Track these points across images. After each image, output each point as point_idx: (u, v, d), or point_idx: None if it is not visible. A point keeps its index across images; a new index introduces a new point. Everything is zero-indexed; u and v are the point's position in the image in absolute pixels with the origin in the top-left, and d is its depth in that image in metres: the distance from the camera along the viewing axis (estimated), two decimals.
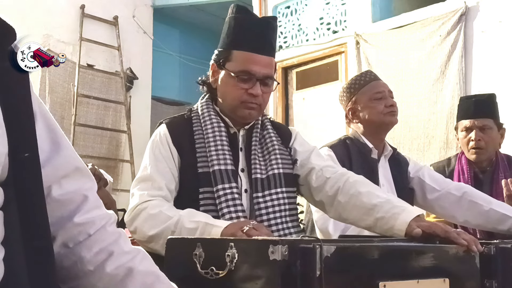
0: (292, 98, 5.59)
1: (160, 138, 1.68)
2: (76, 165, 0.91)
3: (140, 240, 1.54)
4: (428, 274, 1.33)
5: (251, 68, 1.64)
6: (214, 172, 1.60)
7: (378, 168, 2.16)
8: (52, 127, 0.88)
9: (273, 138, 1.75)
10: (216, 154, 1.62)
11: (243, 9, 1.70)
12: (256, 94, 1.64)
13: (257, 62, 1.64)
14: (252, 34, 1.66)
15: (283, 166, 1.71)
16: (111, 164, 5.94)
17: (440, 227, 1.45)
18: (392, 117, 2.18)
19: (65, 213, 0.88)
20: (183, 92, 7.24)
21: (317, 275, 1.10)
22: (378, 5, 4.96)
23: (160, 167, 1.63)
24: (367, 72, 2.32)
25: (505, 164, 2.51)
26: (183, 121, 1.73)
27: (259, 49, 1.65)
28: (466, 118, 2.52)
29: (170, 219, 1.49)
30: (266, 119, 1.80)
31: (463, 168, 2.50)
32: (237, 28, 1.67)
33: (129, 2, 6.40)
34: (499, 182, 2.42)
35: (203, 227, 1.45)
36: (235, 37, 1.67)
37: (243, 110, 1.67)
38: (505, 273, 1.47)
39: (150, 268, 0.94)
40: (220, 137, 1.66)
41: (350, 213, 1.65)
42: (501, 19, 4.12)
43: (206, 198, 1.60)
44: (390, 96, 2.20)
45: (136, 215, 1.55)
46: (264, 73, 1.65)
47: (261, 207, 1.63)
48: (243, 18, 1.68)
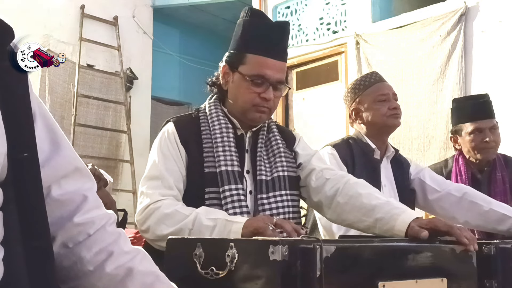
0: (292, 98, 5.59)
1: (168, 136, 1.68)
2: (75, 165, 0.91)
3: (153, 239, 1.55)
4: (426, 274, 1.33)
5: (265, 72, 1.65)
6: (221, 173, 1.61)
7: (380, 169, 2.16)
8: (51, 127, 0.88)
9: (278, 141, 1.76)
10: (223, 155, 1.63)
11: (258, 13, 1.72)
12: (269, 99, 1.66)
13: (271, 67, 1.65)
14: (267, 38, 1.67)
15: (288, 169, 1.72)
16: (111, 164, 5.94)
17: (441, 221, 1.46)
18: (395, 120, 2.19)
19: (65, 213, 0.88)
20: (183, 92, 7.24)
21: (317, 275, 1.11)
22: (378, 5, 4.97)
23: (169, 165, 1.63)
24: (372, 73, 2.31)
25: (502, 164, 2.54)
26: (191, 120, 1.74)
27: (274, 54, 1.66)
28: (475, 120, 2.51)
29: (186, 218, 1.50)
30: (272, 122, 1.82)
31: (460, 169, 2.52)
32: (252, 31, 1.68)
33: (129, 2, 6.40)
34: (497, 181, 2.47)
35: (221, 223, 1.46)
36: (250, 40, 1.68)
37: (254, 113, 1.68)
38: (505, 273, 1.47)
39: (150, 268, 0.94)
40: (228, 138, 1.67)
41: (349, 214, 1.65)
42: (501, 19, 4.12)
43: (212, 198, 1.61)
44: (394, 99, 2.20)
45: (148, 214, 1.56)
46: (277, 78, 1.66)
47: (265, 208, 1.63)
48: (258, 22, 1.69)
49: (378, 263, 1.25)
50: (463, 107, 2.59)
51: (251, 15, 1.70)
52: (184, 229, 1.48)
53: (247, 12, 1.71)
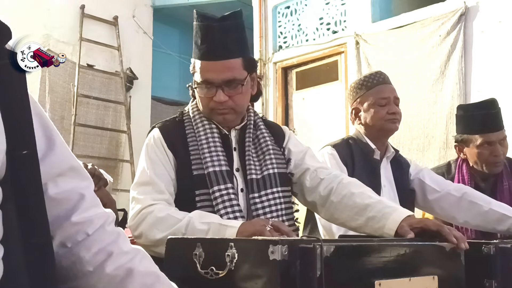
0: (292, 98, 5.59)
1: (154, 141, 1.68)
2: (71, 163, 0.90)
3: (146, 245, 1.52)
4: (419, 272, 1.35)
5: (207, 77, 1.63)
6: (209, 174, 1.60)
7: (380, 169, 2.16)
8: (46, 125, 0.88)
9: (266, 138, 1.75)
10: (209, 155, 1.63)
11: (200, 15, 1.66)
12: (219, 101, 1.63)
13: (212, 70, 1.62)
14: (204, 41, 1.63)
15: (278, 166, 1.71)
16: (111, 164, 5.94)
17: (431, 221, 1.49)
18: (392, 125, 2.17)
19: (62, 212, 0.88)
20: (182, 92, 7.21)
21: (318, 275, 1.11)
22: (377, 5, 4.96)
23: (158, 170, 1.63)
24: (376, 73, 2.24)
25: (509, 171, 2.44)
26: (175, 124, 1.74)
27: (214, 56, 1.62)
28: (485, 132, 2.37)
29: (179, 222, 1.49)
30: (259, 118, 1.80)
31: (464, 177, 2.43)
32: (195, 37, 1.66)
33: (129, 2, 6.40)
34: (503, 191, 2.37)
35: (215, 228, 1.46)
36: (194, 46, 1.66)
37: (216, 116, 1.68)
38: (505, 273, 1.47)
39: (150, 268, 0.94)
40: (212, 138, 1.66)
41: (342, 213, 1.66)
42: (501, 19, 4.12)
43: (203, 200, 1.60)
44: (395, 103, 2.17)
45: (141, 219, 1.55)
46: (223, 78, 1.62)
47: (258, 207, 1.63)
48: (198, 25, 1.65)
49: (375, 262, 1.26)
50: (471, 116, 2.42)
51: (197, 18, 1.66)
52: (177, 234, 1.46)
53: (194, 15, 1.67)
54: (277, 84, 5.60)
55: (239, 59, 1.64)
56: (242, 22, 1.69)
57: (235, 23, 1.66)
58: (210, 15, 1.67)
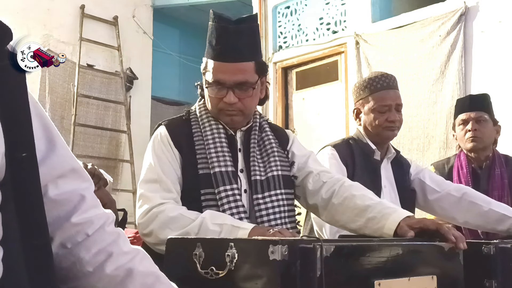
0: (292, 98, 5.58)
1: (161, 139, 1.68)
2: (72, 164, 0.90)
3: (155, 243, 1.54)
4: (418, 271, 1.36)
5: (219, 77, 1.64)
6: (215, 174, 1.61)
7: (380, 170, 2.16)
8: (47, 126, 0.88)
9: (271, 140, 1.76)
10: (216, 156, 1.64)
11: (216, 16, 1.68)
12: (230, 103, 1.65)
13: (224, 71, 1.64)
14: (221, 42, 1.65)
15: (282, 168, 1.73)
16: (111, 164, 5.94)
17: (430, 220, 1.49)
18: (390, 133, 2.16)
19: (62, 213, 0.88)
20: (183, 92, 7.23)
21: (318, 275, 1.11)
22: (377, 5, 4.96)
23: (165, 168, 1.64)
24: (382, 76, 2.17)
25: (501, 161, 2.59)
26: (182, 123, 1.75)
27: (228, 57, 1.64)
28: (462, 112, 2.62)
29: (192, 222, 1.51)
30: (264, 121, 1.82)
31: (462, 164, 2.58)
32: (210, 36, 1.67)
33: (129, 2, 6.40)
34: (495, 177, 2.52)
35: (227, 229, 1.47)
36: (208, 46, 1.68)
37: (224, 117, 1.69)
38: (505, 273, 1.48)
39: (150, 269, 0.94)
40: (219, 138, 1.68)
41: (343, 215, 1.66)
42: (501, 19, 4.12)
43: (208, 199, 1.61)
44: (397, 109, 2.15)
45: (152, 218, 1.56)
46: (235, 80, 1.64)
47: (261, 208, 1.64)
48: (214, 26, 1.67)
49: (374, 262, 1.26)
50: (457, 105, 2.74)
51: (213, 18, 1.68)
52: (190, 234, 1.48)
53: (211, 15, 1.69)
54: (277, 84, 5.60)
55: (251, 63, 1.66)
56: (257, 25, 1.73)
57: (250, 26, 1.69)
58: (226, 17, 1.69)
